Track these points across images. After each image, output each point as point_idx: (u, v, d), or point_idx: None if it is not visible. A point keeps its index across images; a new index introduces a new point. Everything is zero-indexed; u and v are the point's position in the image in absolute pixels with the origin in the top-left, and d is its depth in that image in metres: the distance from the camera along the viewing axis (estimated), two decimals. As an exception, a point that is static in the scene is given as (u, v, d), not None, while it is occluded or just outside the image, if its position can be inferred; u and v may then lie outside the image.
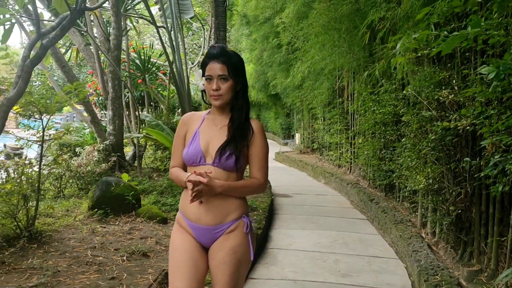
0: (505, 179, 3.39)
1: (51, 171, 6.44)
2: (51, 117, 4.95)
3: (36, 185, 5.02)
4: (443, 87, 4.30)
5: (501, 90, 3.09)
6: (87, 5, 4.39)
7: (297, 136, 21.23)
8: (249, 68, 21.24)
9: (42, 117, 4.58)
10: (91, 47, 10.04)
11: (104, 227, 5.39)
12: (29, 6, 7.08)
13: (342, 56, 8.79)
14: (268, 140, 2.61)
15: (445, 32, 2.79)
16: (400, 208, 7.22)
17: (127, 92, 10.70)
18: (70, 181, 7.95)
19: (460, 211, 4.47)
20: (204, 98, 2.61)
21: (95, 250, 4.62)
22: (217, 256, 2.42)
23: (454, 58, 4.67)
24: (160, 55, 13.87)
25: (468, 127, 3.63)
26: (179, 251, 2.46)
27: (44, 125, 4.74)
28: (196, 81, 2.53)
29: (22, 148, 9.90)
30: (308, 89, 13.66)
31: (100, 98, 14.02)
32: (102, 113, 15.27)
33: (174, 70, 7.39)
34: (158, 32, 7.63)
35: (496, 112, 3.23)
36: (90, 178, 7.90)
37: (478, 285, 4.16)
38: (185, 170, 2.54)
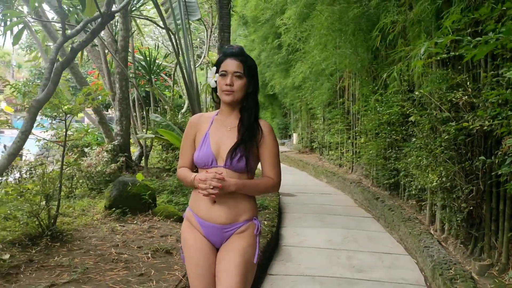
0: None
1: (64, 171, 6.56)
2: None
3: (57, 184, 5.14)
4: (456, 89, 4.48)
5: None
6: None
7: (295, 136, 21.41)
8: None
9: (66, 118, 4.71)
10: (97, 48, 10.15)
11: (123, 226, 5.52)
12: (47, 5, 7.20)
13: (346, 57, 8.97)
14: None
15: (469, 38, 2.96)
16: (405, 206, 7.40)
17: (132, 93, 10.82)
18: (80, 181, 8.07)
19: (471, 208, 4.64)
20: (214, 96, 2.62)
21: (118, 248, 4.75)
22: (226, 257, 2.43)
23: (463, 61, 4.85)
24: (165, 56, 13.99)
25: (485, 128, 3.81)
26: (193, 249, 2.48)
27: (67, 125, 4.86)
28: (207, 79, 2.63)
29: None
30: (308, 89, 13.85)
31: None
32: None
33: (184, 72, 7.51)
34: (168, 34, 7.74)
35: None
36: (100, 178, 8.02)
37: (489, 279, 4.33)
38: (194, 171, 2.57)
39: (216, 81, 2.50)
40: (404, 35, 6.04)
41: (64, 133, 4.78)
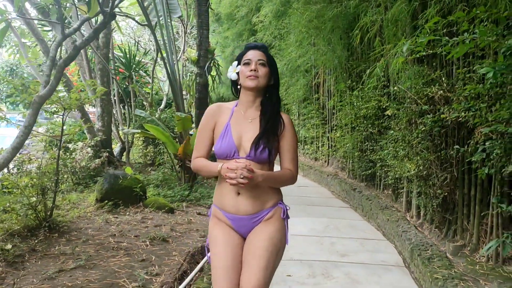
0: (489, 163, 3.95)
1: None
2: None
3: (54, 178, 5.31)
4: (432, 84, 4.86)
5: (489, 87, 3.65)
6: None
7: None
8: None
9: (64, 113, 4.88)
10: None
11: (117, 217, 5.73)
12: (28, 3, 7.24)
13: (323, 54, 9.32)
14: None
15: (446, 38, 3.32)
16: (381, 196, 7.81)
17: (113, 89, 10.93)
18: (65, 176, 8.19)
19: (446, 194, 5.04)
20: (233, 90, 2.65)
21: (115, 237, 4.98)
22: (253, 240, 2.44)
23: (436, 58, 5.24)
24: (145, 53, 14.11)
25: (460, 119, 4.19)
26: (221, 242, 2.46)
27: (64, 121, 5.03)
28: (228, 73, 2.60)
29: None
30: (283, 85, 14.19)
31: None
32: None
33: (168, 68, 7.72)
34: (152, 30, 7.92)
35: (485, 105, 3.80)
36: (85, 173, 8.17)
37: (462, 258, 4.73)
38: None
39: (238, 73, 2.54)
40: (381, 34, 6.41)
41: (61, 128, 4.95)
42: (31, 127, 4.37)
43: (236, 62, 2.58)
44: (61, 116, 4.95)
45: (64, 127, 5.40)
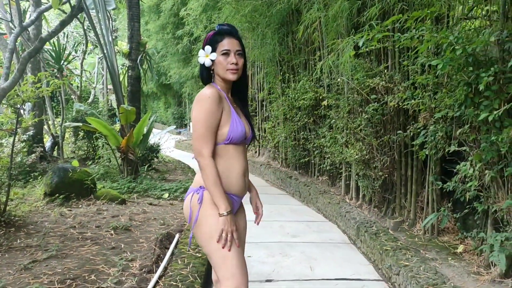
0: (429, 145, 4.48)
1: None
2: None
3: (7, 172, 5.19)
4: (374, 76, 5.35)
5: (434, 77, 4.18)
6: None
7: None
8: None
9: (23, 106, 4.80)
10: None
11: (71, 210, 5.70)
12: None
13: (256, 48, 9.66)
14: (159, 130, 2.90)
15: (398, 33, 3.77)
16: (317, 182, 8.31)
17: (44, 83, 10.55)
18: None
19: (386, 175, 5.58)
20: (205, 75, 2.54)
21: (76, 228, 4.99)
22: (241, 223, 2.66)
23: (371, 54, 5.77)
24: (74, 45, 13.63)
25: (405, 107, 4.70)
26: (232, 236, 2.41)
27: (18, 113, 4.93)
28: (199, 58, 2.50)
29: None
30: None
31: None
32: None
33: (108, 60, 7.67)
34: (92, 23, 7.81)
35: (428, 94, 4.32)
36: (21, 168, 7.91)
37: (402, 232, 5.28)
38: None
39: (212, 60, 2.46)
40: (320, 30, 6.86)
41: (16, 121, 4.85)
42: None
43: (209, 48, 2.46)
44: (16, 110, 4.85)
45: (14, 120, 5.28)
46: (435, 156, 4.73)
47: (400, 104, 4.79)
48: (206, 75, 2.53)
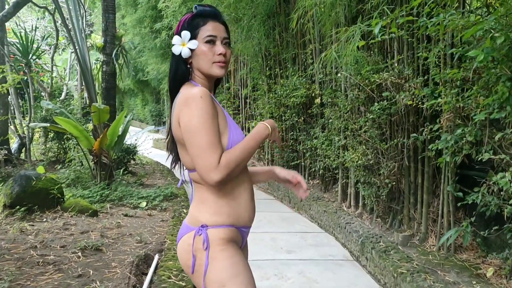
0: (450, 150, 3.83)
1: None
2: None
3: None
4: (381, 71, 4.69)
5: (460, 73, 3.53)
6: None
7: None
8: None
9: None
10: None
11: (33, 225, 4.93)
12: None
13: (240, 42, 8.97)
14: (137, 128, 2.24)
15: (424, 19, 3.12)
16: (308, 186, 7.64)
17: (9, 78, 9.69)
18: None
19: (394, 183, 4.94)
20: (181, 69, 1.90)
21: (37, 249, 4.22)
22: (245, 255, 2.05)
23: (374, 46, 5.11)
24: (44, 38, 12.70)
25: (426, 105, 4.04)
26: (247, 266, 1.89)
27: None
28: (174, 47, 1.86)
29: None
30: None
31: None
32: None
33: (79, 55, 6.90)
34: (63, 16, 7.03)
35: (456, 91, 3.66)
36: (-18, 174, 7.10)
37: (412, 248, 4.65)
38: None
39: (191, 49, 1.86)
40: (313, 20, 6.19)
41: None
42: None
43: (187, 33, 1.85)
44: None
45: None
46: (452, 163, 4.09)
47: (416, 102, 4.14)
48: (183, 71, 1.89)
